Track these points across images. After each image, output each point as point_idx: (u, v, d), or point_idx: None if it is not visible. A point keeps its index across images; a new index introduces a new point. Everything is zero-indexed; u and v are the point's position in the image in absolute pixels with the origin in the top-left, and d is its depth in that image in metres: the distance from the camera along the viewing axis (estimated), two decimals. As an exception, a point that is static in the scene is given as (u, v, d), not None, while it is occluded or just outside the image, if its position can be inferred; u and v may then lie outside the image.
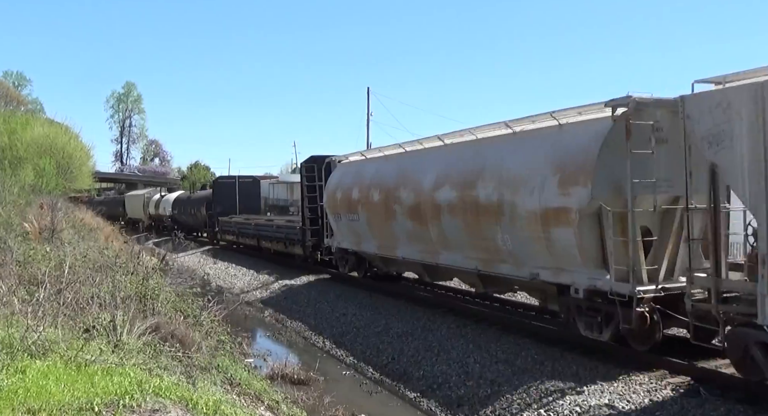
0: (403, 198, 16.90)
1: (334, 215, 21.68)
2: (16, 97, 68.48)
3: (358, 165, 21.12)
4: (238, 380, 9.85)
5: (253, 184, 44.46)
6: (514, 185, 12.87)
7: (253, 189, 43.94)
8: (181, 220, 48.18)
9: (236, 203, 40.86)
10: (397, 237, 17.87)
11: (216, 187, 42.63)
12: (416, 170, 16.88)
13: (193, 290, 15.25)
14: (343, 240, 21.70)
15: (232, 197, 40.83)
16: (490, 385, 11.32)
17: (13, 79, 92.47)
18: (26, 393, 5.82)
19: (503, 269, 13.84)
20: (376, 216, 18.61)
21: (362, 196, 19.32)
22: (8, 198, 21.25)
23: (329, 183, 22.46)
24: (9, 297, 9.40)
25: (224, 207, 39.85)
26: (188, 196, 49.51)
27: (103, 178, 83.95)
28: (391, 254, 18.61)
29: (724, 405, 9.09)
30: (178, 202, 50.35)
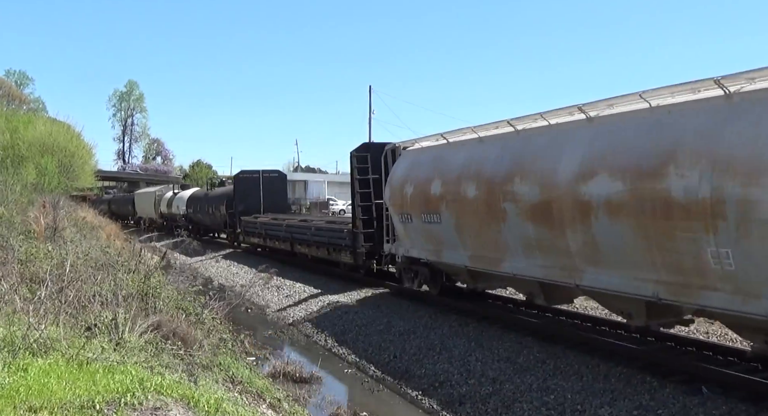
0: (521, 193, 12.32)
1: (401, 216, 17.23)
2: (18, 96, 68.64)
3: (438, 151, 16.30)
4: (239, 378, 9.84)
5: (280, 179, 39.43)
6: (746, 173, 8.32)
7: (279, 185, 38.97)
8: (197, 219, 44.83)
9: (260, 200, 36.60)
10: (505, 246, 13.18)
11: (237, 183, 37.66)
12: (542, 155, 12.12)
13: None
14: (413, 247, 17.19)
15: (255, 194, 36.63)
16: (491, 383, 11.32)
17: (15, 78, 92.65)
18: (28, 391, 5.82)
19: (712, 299, 9.10)
20: (471, 217, 14.10)
21: (447, 191, 14.95)
22: (10, 197, 21.27)
23: (394, 175, 17.93)
24: (11, 295, 9.41)
25: (247, 205, 35.86)
26: (205, 193, 44.83)
27: (106, 176, 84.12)
28: (493, 267, 13.85)
29: (726, 403, 9.09)
30: (193, 200, 46.06)
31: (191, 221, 45.82)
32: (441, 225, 15.32)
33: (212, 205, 40.40)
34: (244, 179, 37.47)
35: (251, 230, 33.39)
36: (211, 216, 41.20)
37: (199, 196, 45.21)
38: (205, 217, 42.60)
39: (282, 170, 47.16)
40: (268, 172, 38.82)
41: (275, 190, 37.86)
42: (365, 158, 20.77)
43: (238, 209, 35.65)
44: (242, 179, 37.55)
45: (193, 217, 45.42)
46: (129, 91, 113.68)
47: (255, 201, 36.32)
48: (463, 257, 14.87)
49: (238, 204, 36.02)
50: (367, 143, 21.57)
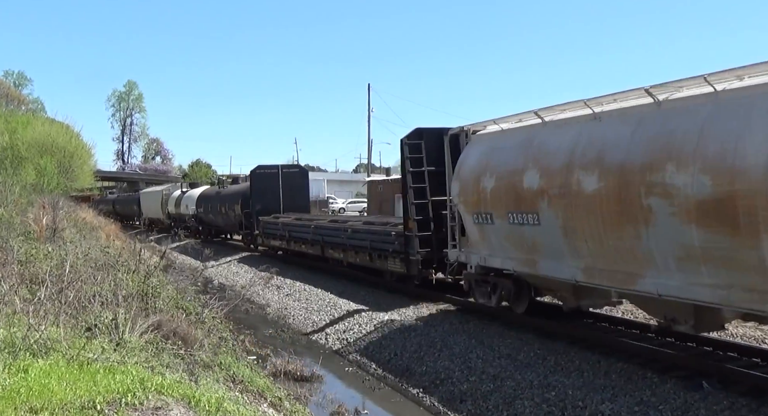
0: (677, 186, 9.24)
1: (477, 216, 14.10)
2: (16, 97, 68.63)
3: (529, 133, 13.01)
4: (240, 377, 9.84)
5: (300, 175, 35.58)
6: None
7: (300, 182, 35.05)
8: (208, 220, 41.81)
9: (280, 199, 33.32)
10: (647, 257, 9.98)
11: (254, 179, 33.83)
12: (713, 132, 8.93)
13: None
14: (493, 255, 14.01)
15: (274, 192, 33.35)
16: (492, 380, 11.32)
17: (13, 79, 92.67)
18: (28, 392, 5.82)
19: None
20: (589, 218, 10.81)
21: (549, 184, 11.76)
22: (9, 198, 21.26)
23: (464, 166, 14.81)
24: (11, 296, 9.40)
25: (265, 204, 32.70)
26: (217, 191, 41.18)
27: (105, 177, 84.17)
28: (623, 285, 10.67)
29: (727, 398, 9.10)
30: (204, 199, 42.71)
31: (201, 221, 43.29)
32: (540, 228, 12.13)
33: (225, 204, 37.32)
34: (261, 176, 33.77)
35: (271, 232, 30.38)
36: (224, 216, 38.03)
37: (210, 195, 41.92)
38: (217, 217, 39.63)
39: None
40: (288, 167, 35.88)
41: (295, 187, 34.29)
42: (418, 147, 17.65)
43: (256, 209, 32.54)
44: (259, 176, 33.80)
45: (203, 217, 42.54)
46: (128, 91, 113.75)
47: (273, 200, 33.15)
48: (571, 270, 11.66)
49: (255, 203, 32.87)
50: (420, 129, 18.06)
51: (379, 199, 46.53)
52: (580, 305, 13.02)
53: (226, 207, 37.09)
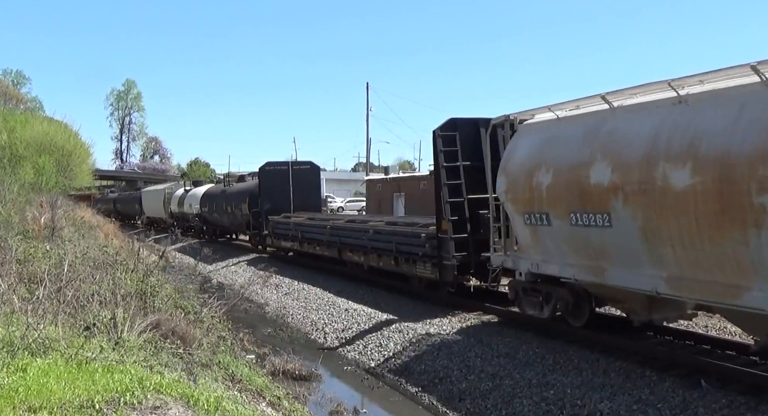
0: None
1: (529, 216, 12.45)
2: (15, 96, 68.54)
3: (594, 120, 11.33)
4: (239, 376, 9.84)
5: (312, 172, 33.38)
6: None
7: (312, 179, 33.14)
8: (213, 219, 39.94)
9: (290, 197, 31.43)
10: (754, 264, 8.54)
11: (263, 177, 31.82)
12: None
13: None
14: (548, 260, 12.37)
15: (284, 190, 31.46)
16: (491, 379, 11.32)
17: (12, 78, 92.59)
18: (27, 391, 5.82)
19: None
20: (678, 219, 9.29)
21: (625, 178, 10.17)
22: (8, 197, 21.25)
23: (512, 159, 13.15)
24: (9, 295, 9.39)
25: (274, 203, 30.90)
26: (222, 190, 39.02)
27: (103, 176, 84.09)
28: (725, 299, 9.06)
29: (726, 396, 9.11)
30: (208, 197, 40.69)
31: (206, 221, 41.50)
32: (611, 230, 10.54)
33: (231, 203, 35.38)
34: (270, 173, 31.77)
35: (282, 233, 28.67)
36: (230, 216, 36.12)
37: (215, 193, 39.90)
38: (222, 217, 37.75)
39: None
40: (299, 164, 33.85)
41: (307, 185, 32.24)
42: (453, 139, 16.10)
43: (264, 208, 30.76)
44: (268, 173, 31.78)
45: (208, 217, 40.55)
46: (127, 90, 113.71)
47: (283, 198, 31.25)
48: (652, 279, 10.03)
49: (264, 202, 31.06)
50: (454, 119, 16.47)
51: (378, 198, 46.49)
52: (652, 319, 11.57)
53: (232, 206, 35.28)
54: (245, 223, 33.80)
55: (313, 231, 25.24)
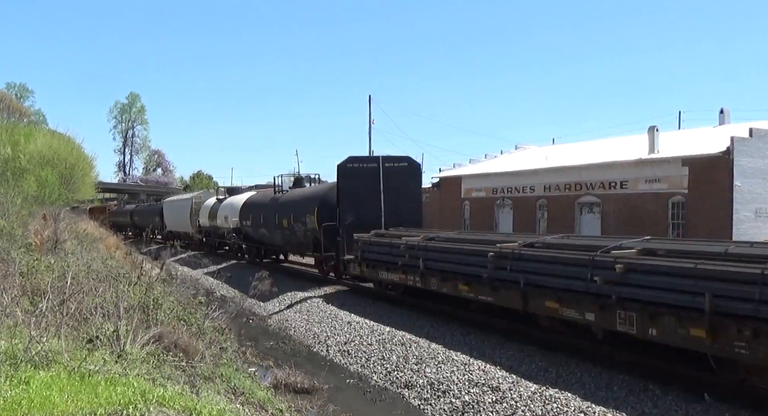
0: None
1: None
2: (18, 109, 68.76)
3: None
4: (241, 389, 9.83)
5: (411, 172, 24.05)
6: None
7: (411, 181, 23.94)
8: (258, 236, 32.10)
9: (381, 206, 22.83)
10: None
11: (344, 178, 23.08)
12: None
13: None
14: None
15: (373, 197, 22.95)
16: (494, 392, 11.30)
17: (15, 91, 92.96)
18: (30, 404, 5.82)
19: None
20: None
21: None
22: (11, 209, 21.29)
23: None
24: (12, 308, 9.41)
25: (359, 215, 22.50)
26: (273, 198, 30.65)
27: (106, 188, 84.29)
28: None
29: (729, 410, 9.08)
30: (251, 208, 32.86)
31: (247, 237, 33.76)
32: None
33: (288, 215, 27.24)
34: (353, 173, 23.10)
35: (382, 259, 19.51)
36: (285, 232, 28.01)
37: (262, 202, 31.87)
38: (273, 233, 29.65)
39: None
40: (392, 159, 23.87)
41: (404, 190, 23.33)
42: None
43: (345, 222, 22.42)
44: (351, 173, 23.09)
45: (251, 232, 32.82)
46: (130, 104, 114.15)
47: (372, 208, 22.81)
48: None
49: (344, 213, 22.65)
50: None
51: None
52: None
53: (290, 219, 27.09)
54: (311, 242, 25.45)
55: (457, 260, 15.76)
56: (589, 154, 34.51)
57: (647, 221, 27.74)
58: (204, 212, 41.33)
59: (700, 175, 26.94)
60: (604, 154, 32.91)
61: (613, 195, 30.54)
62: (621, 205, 30.09)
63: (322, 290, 23.47)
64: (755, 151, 26.43)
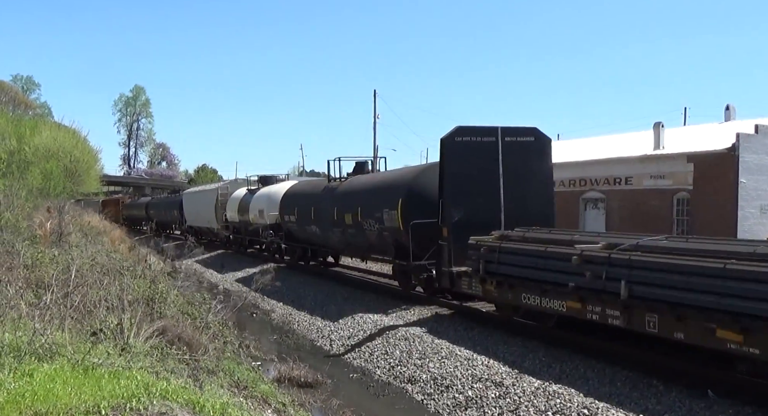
0: None
1: None
2: (24, 101, 68.84)
3: None
4: (245, 383, 9.85)
5: (539, 147, 17.23)
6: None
7: (538, 162, 17.20)
8: (305, 235, 26.19)
9: (500, 197, 16.51)
10: None
11: (452, 158, 16.26)
12: None
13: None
14: None
15: (488, 183, 16.47)
16: (497, 387, 11.29)
17: (22, 84, 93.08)
18: (33, 397, 5.83)
19: None
20: None
21: None
22: (16, 202, 21.33)
23: None
24: (17, 301, 9.43)
25: (471, 209, 16.13)
26: (330, 187, 24.33)
27: (111, 181, 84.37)
28: None
29: (733, 406, 9.06)
30: (295, 200, 26.98)
31: (290, 236, 27.92)
32: None
33: (353, 209, 21.25)
34: (464, 150, 16.34)
35: (523, 274, 13.41)
36: (348, 231, 21.84)
37: (312, 193, 25.88)
38: (328, 232, 23.57)
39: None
40: (514, 132, 16.98)
41: (529, 174, 16.93)
42: None
43: (453, 219, 15.91)
44: (461, 150, 16.31)
45: (295, 229, 27.04)
46: (135, 97, 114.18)
47: (486, 200, 16.38)
48: None
49: (452, 207, 16.00)
50: None
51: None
52: None
53: (356, 215, 21.02)
54: (390, 245, 19.50)
55: (713, 287, 9.51)
56: (593, 149, 34.37)
57: (652, 218, 27.57)
58: (232, 205, 35.90)
59: (705, 171, 26.79)
60: (609, 150, 32.69)
61: (617, 191, 30.30)
62: (626, 201, 29.75)
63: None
64: (761, 147, 26.28)
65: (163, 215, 52.28)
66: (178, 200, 48.77)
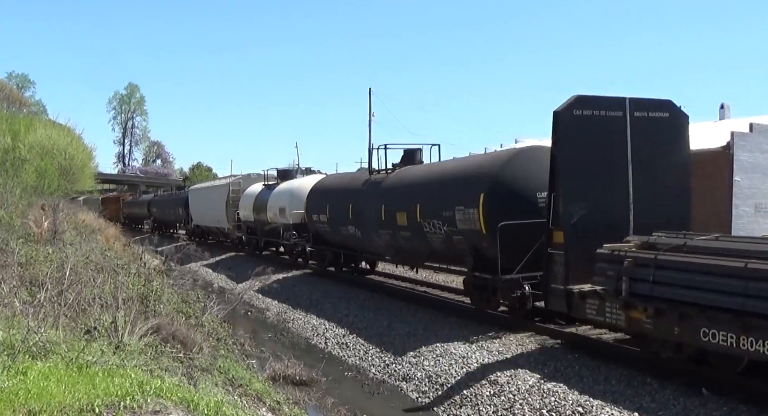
0: None
1: None
2: (18, 99, 68.63)
3: None
4: (239, 381, 9.85)
5: (674, 126, 12.98)
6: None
7: (673, 146, 12.95)
8: (339, 237, 22.39)
9: (628, 189, 12.37)
10: None
11: (569, 137, 12.01)
12: None
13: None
14: None
15: (612, 172, 12.42)
16: (492, 385, 11.31)
17: (16, 81, 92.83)
18: (27, 395, 5.82)
19: None
20: None
21: None
22: (10, 200, 21.27)
23: None
24: (10, 299, 9.41)
25: (595, 205, 12.04)
26: (372, 181, 20.51)
27: (106, 179, 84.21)
28: None
29: (727, 404, 9.09)
30: (326, 196, 23.34)
31: (318, 238, 24.03)
32: None
33: (408, 207, 17.36)
34: (583, 127, 12.26)
35: (705, 299, 9.24)
36: (401, 234, 17.92)
37: (349, 188, 22.06)
38: (373, 234, 19.64)
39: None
40: (645, 105, 12.85)
41: (663, 161, 12.93)
42: None
43: (572, 219, 11.91)
44: (580, 127, 12.23)
45: (325, 231, 23.18)
46: (130, 94, 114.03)
47: (609, 194, 12.42)
48: None
49: (571, 203, 11.99)
50: None
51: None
52: None
53: (413, 214, 17.06)
54: (466, 252, 15.37)
55: None
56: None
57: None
58: (246, 203, 32.35)
59: (699, 170, 26.85)
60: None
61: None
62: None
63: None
64: (755, 146, 26.34)
65: (167, 214, 49.50)
66: (184, 197, 45.13)
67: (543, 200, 13.47)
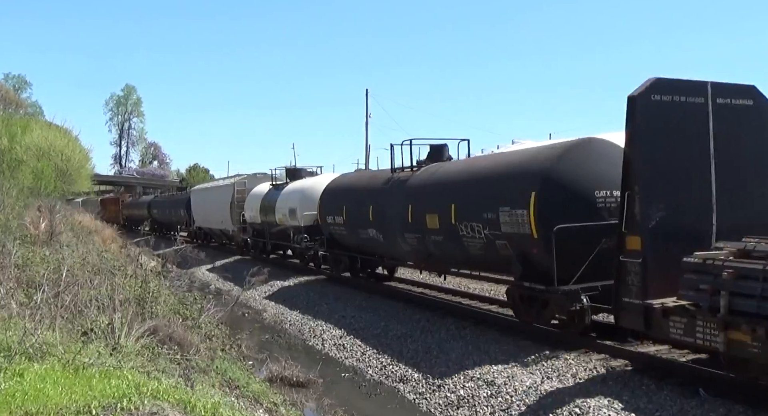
0: None
1: None
2: (15, 101, 68.46)
3: None
4: (236, 382, 9.84)
5: (757, 115, 11.09)
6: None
7: (758, 138, 11.08)
8: (357, 241, 20.57)
9: (711, 187, 10.57)
10: None
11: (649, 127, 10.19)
12: None
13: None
14: None
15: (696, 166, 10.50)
16: (489, 386, 11.31)
17: (13, 83, 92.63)
18: (24, 397, 5.81)
19: None
20: None
21: None
22: (6, 201, 21.23)
23: None
24: (7, 300, 9.40)
25: (676, 206, 10.21)
26: (396, 180, 18.42)
27: (102, 181, 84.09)
28: None
29: (724, 405, 9.09)
30: (342, 196, 21.39)
31: (333, 241, 22.28)
32: None
33: (441, 208, 15.38)
34: (663, 114, 10.34)
35: None
36: (432, 238, 15.95)
37: (368, 188, 20.21)
38: (398, 238, 17.58)
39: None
40: (727, 90, 10.98)
41: (747, 152, 11.06)
42: None
43: (650, 222, 10.10)
44: (660, 112, 10.32)
45: (341, 234, 21.45)
46: (126, 96, 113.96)
47: (694, 193, 10.48)
48: None
49: (649, 202, 10.14)
50: None
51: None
52: None
53: (446, 216, 15.13)
54: (514, 260, 13.41)
55: None
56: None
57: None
58: (252, 204, 30.57)
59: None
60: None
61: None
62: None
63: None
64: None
65: (168, 215, 47.95)
66: (185, 198, 43.00)
67: (602, 199, 12.49)
